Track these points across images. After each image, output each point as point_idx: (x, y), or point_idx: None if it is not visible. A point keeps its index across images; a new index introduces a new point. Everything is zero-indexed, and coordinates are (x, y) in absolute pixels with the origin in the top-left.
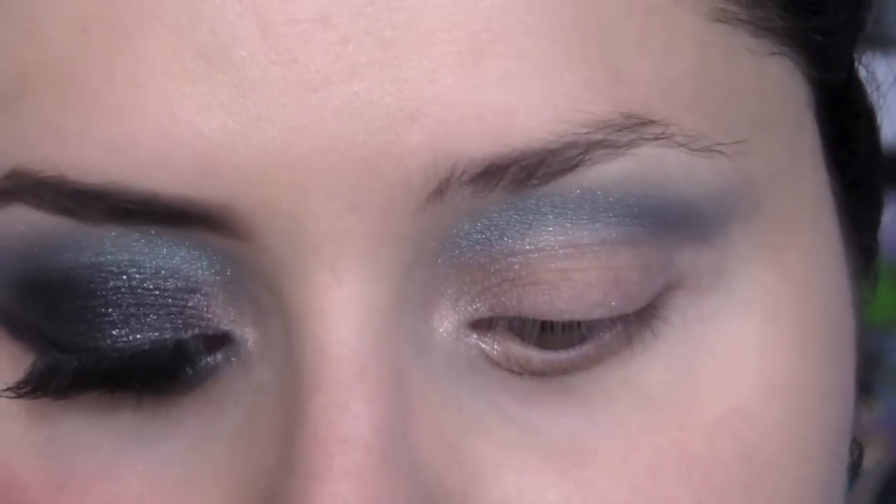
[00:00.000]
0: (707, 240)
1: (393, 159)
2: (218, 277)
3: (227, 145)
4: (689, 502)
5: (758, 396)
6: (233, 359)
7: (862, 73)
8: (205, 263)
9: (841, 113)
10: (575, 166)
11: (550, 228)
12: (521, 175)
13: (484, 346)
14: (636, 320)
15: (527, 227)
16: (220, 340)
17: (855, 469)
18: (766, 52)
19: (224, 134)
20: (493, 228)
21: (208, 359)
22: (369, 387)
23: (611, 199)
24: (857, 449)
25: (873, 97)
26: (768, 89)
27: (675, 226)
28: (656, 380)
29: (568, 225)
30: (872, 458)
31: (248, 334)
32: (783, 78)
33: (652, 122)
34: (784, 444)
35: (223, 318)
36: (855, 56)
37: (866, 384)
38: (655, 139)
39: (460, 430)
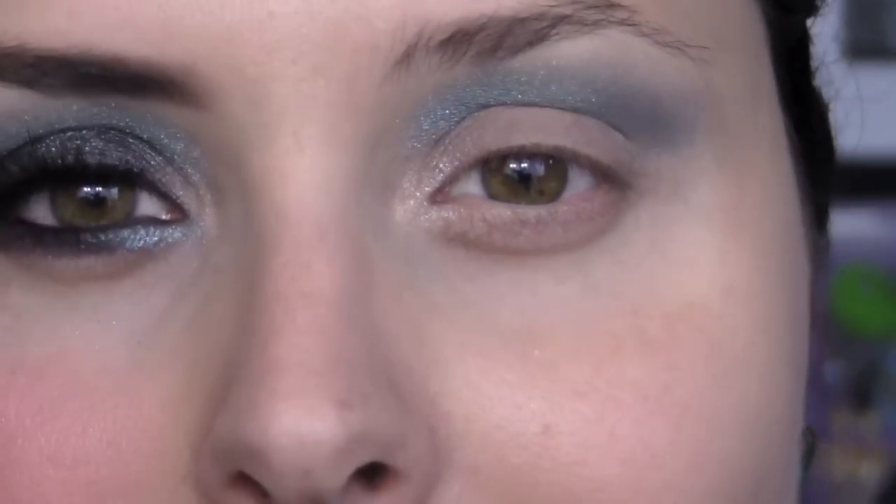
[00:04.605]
0: (670, 146)
1: (360, 21)
2: (177, 157)
3: (192, 3)
4: (654, 386)
5: (717, 296)
6: (190, 237)
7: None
8: (164, 141)
9: (796, 68)
10: (542, 39)
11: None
12: (488, 44)
13: (445, 214)
14: (592, 210)
15: (491, 103)
16: (177, 219)
17: (807, 459)
18: None
19: None
20: (457, 104)
21: (165, 232)
22: (331, 248)
23: (577, 81)
24: (810, 437)
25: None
26: (729, 12)
27: (640, 122)
28: (604, 271)
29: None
30: (871, 469)
31: (205, 215)
32: (743, 6)
33: (619, 6)
34: (749, 347)
35: (182, 197)
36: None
37: (864, 396)
38: (622, 23)
39: (420, 311)
